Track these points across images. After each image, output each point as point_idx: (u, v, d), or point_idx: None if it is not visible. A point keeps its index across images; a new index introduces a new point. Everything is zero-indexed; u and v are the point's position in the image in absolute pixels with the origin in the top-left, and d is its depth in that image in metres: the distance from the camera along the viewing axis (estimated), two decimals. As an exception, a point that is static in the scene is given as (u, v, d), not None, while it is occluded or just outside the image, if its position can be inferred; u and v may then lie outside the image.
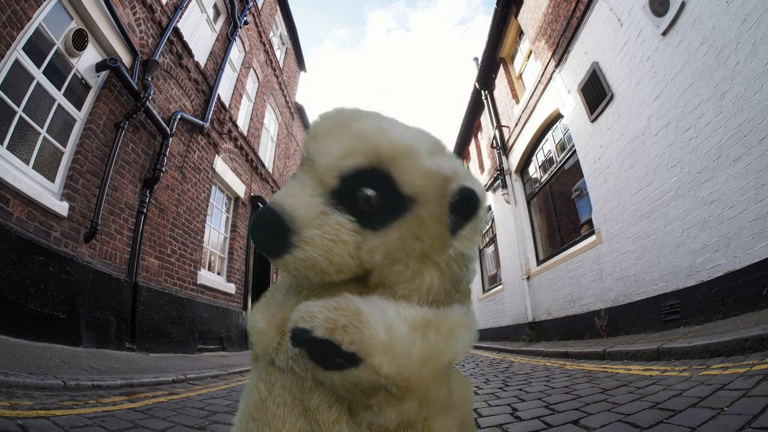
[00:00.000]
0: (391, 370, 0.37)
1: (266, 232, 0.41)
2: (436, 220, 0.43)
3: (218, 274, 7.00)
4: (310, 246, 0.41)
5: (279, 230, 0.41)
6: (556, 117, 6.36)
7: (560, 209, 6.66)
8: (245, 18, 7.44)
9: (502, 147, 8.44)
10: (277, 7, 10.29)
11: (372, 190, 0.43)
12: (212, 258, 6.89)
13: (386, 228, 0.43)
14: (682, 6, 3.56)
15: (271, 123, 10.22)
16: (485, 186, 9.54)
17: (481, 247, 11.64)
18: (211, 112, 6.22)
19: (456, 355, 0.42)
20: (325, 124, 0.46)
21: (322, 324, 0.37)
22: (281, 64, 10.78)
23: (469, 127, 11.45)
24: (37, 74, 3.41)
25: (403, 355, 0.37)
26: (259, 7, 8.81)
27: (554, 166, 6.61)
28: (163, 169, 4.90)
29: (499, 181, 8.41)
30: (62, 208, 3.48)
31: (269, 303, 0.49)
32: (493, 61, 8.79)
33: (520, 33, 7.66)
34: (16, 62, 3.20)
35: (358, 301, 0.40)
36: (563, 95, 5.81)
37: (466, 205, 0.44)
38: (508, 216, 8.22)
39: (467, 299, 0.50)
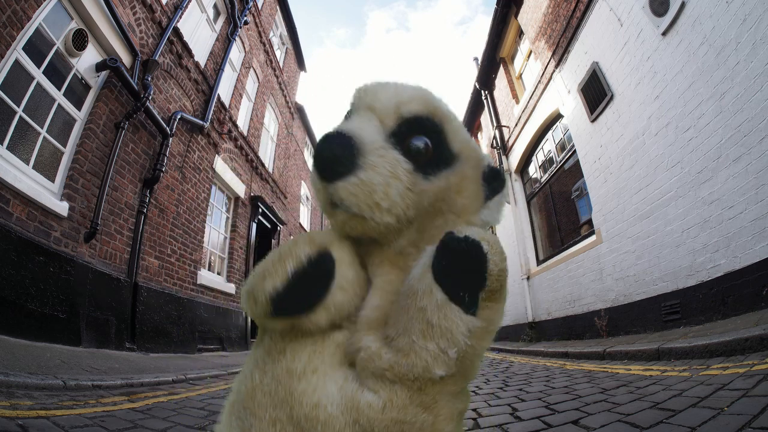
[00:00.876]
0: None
1: (336, 150, 0.41)
2: (474, 182, 0.49)
3: (218, 274, 7.00)
4: (373, 171, 0.41)
5: (348, 150, 0.41)
6: (556, 117, 6.36)
7: (560, 209, 6.66)
8: (245, 18, 7.44)
9: (502, 147, 8.44)
10: (277, 7, 10.29)
11: (425, 138, 0.46)
12: (212, 258, 6.89)
13: (435, 176, 0.46)
14: (682, 6, 3.56)
15: (271, 123, 10.22)
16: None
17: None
18: (211, 112, 6.22)
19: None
20: (375, 84, 0.49)
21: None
22: (281, 64, 10.78)
23: (469, 127, 11.45)
24: (37, 74, 3.41)
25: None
26: (259, 7, 8.81)
27: (554, 166, 6.61)
28: (163, 169, 4.90)
29: (499, 181, 8.40)
30: (62, 208, 3.48)
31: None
32: (493, 61, 8.80)
33: (520, 33, 7.66)
34: (16, 62, 3.20)
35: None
36: (563, 95, 5.81)
37: (495, 179, 0.50)
38: (508, 216, 8.22)
39: None
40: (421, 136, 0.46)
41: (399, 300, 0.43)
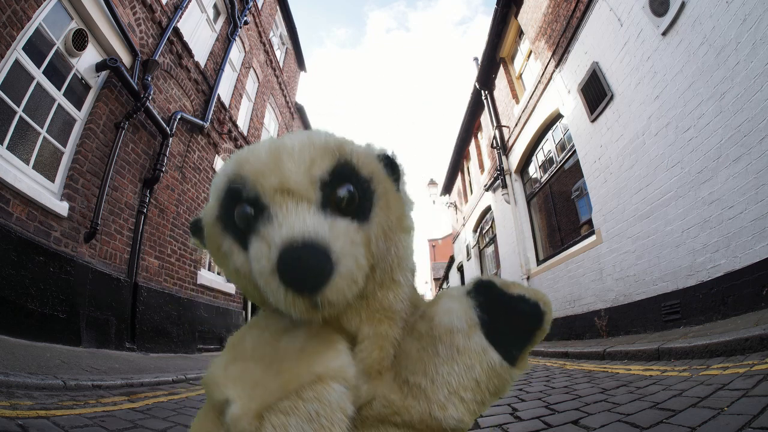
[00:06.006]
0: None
1: (309, 264, 0.36)
2: (390, 189, 0.46)
3: (218, 274, 6.99)
4: (345, 258, 0.37)
5: (319, 257, 0.36)
6: (556, 117, 6.36)
7: (560, 209, 6.66)
8: (245, 18, 7.44)
9: (502, 147, 8.44)
10: (277, 7, 10.29)
11: (348, 184, 0.42)
12: (212, 258, 6.89)
13: (372, 214, 0.43)
14: (682, 6, 3.56)
15: (271, 123, 10.22)
16: (485, 186, 9.54)
17: (482, 247, 11.65)
18: (211, 112, 6.22)
19: None
20: (263, 156, 0.42)
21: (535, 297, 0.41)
22: (281, 64, 10.78)
23: (469, 127, 11.45)
24: (37, 74, 3.40)
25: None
26: (259, 7, 8.81)
27: (554, 166, 6.61)
28: (163, 169, 4.90)
29: (499, 181, 8.41)
30: (62, 208, 3.48)
31: (239, 363, 0.41)
32: (493, 61, 8.79)
33: (520, 33, 7.66)
34: (16, 62, 3.20)
35: None
36: (563, 95, 5.81)
37: (393, 165, 0.48)
38: (508, 216, 8.22)
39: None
40: (343, 184, 0.42)
41: (425, 348, 0.43)
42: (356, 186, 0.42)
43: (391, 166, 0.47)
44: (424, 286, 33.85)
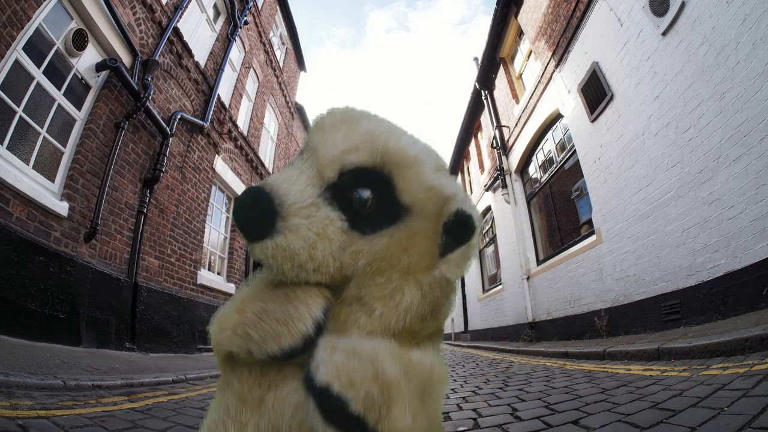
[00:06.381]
0: None
1: (252, 212, 0.39)
2: (428, 237, 0.42)
3: (218, 274, 7.00)
4: (293, 234, 0.38)
5: (265, 212, 0.38)
6: (556, 117, 6.36)
7: (560, 209, 6.66)
8: (245, 18, 7.44)
9: (502, 147, 8.44)
10: (277, 7, 10.29)
11: (369, 191, 0.41)
12: (212, 258, 6.89)
13: (376, 234, 0.41)
14: (682, 6, 3.56)
15: (271, 123, 10.22)
16: (485, 186, 9.54)
17: (481, 247, 11.65)
18: (211, 112, 6.22)
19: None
20: (333, 117, 0.44)
21: (360, 398, 0.33)
22: (281, 64, 10.78)
23: (469, 127, 11.45)
24: (37, 74, 3.41)
25: None
26: (259, 7, 8.81)
27: (554, 166, 6.61)
28: (163, 169, 4.90)
29: (499, 181, 8.41)
30: (62, 208, 3.48)
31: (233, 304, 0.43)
32: (493, 61, 8.80)
33: (520, 33, 7.67)
34: (16, 62, 3.20)
35: (387, 364, 0.35)
36: (563, 95, 5.81)
37: (461, 229, 0.42)
38: (508, 216, 8.22)
39: (439, 337, 0.48)
40: (365, 188, 0.41)
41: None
42: (379, 198, 0.41)
43: (459, 224, 0.42)
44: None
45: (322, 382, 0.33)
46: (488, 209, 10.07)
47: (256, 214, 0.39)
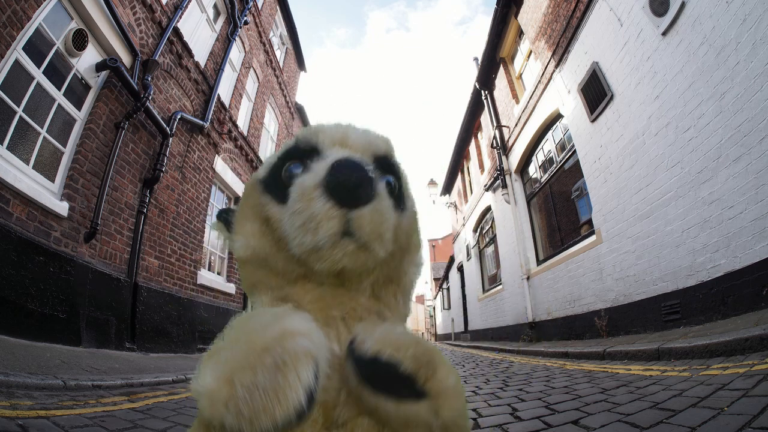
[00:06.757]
0: (449, 415, 0.36)
1: (359, 178, 0.40)
2: (415, 222, 0.53)
3: (218, 274, 7.00)
4: (384, 201, 0.42)
5: (368, 178, 0.41)
6: (556, 117, 6.36)
7: (560, 209, 6.66)
8: (245, 18, 7.44)
9: (502, 147, 8.44)
10: (277, 7, 10.29)
11: (391, 176, 0.48)
12: (212, 258, 6.89)
13: (405, 210, 0.49)
14: (682, 6, 3.56)
15: (271, 123, 10.22)
16: (485, 186, 9.54)
17: (482, 247, 11.64)
18: (211, 112, 6.21)
19: None
20: (336, 126, 0.50)
21: (409, 359, 0.36)
22: (281, 64, 10.78)
23: (469, 127, 11.45)
24: (37, 74, 3.40)
25: (462, 402, 0.38)
26: (259, 7, 8.81)
27: (554, 166, 6.61)
28: (163, 169, 4.90)
29: (499, 181, 8.41)
30: (62, 208, 3.48)
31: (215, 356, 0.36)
32: (493, 61, 8.80)
33: (520, 33, 7.67)
34: (16, 62, 3.20)
35: (420, 337, 0.41)
36: (563, 95, 5.81)
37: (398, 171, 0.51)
38: (508, 216, 8.22)
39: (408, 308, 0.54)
40: (387, 174, 0.48)
41: None
42: (396, 181, 0.49)
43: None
44: (424, 286, 33.81)
45: (369, 353, 0.36)
46: (488, 209, 10.07)
47: (363, 179, 0.40)
